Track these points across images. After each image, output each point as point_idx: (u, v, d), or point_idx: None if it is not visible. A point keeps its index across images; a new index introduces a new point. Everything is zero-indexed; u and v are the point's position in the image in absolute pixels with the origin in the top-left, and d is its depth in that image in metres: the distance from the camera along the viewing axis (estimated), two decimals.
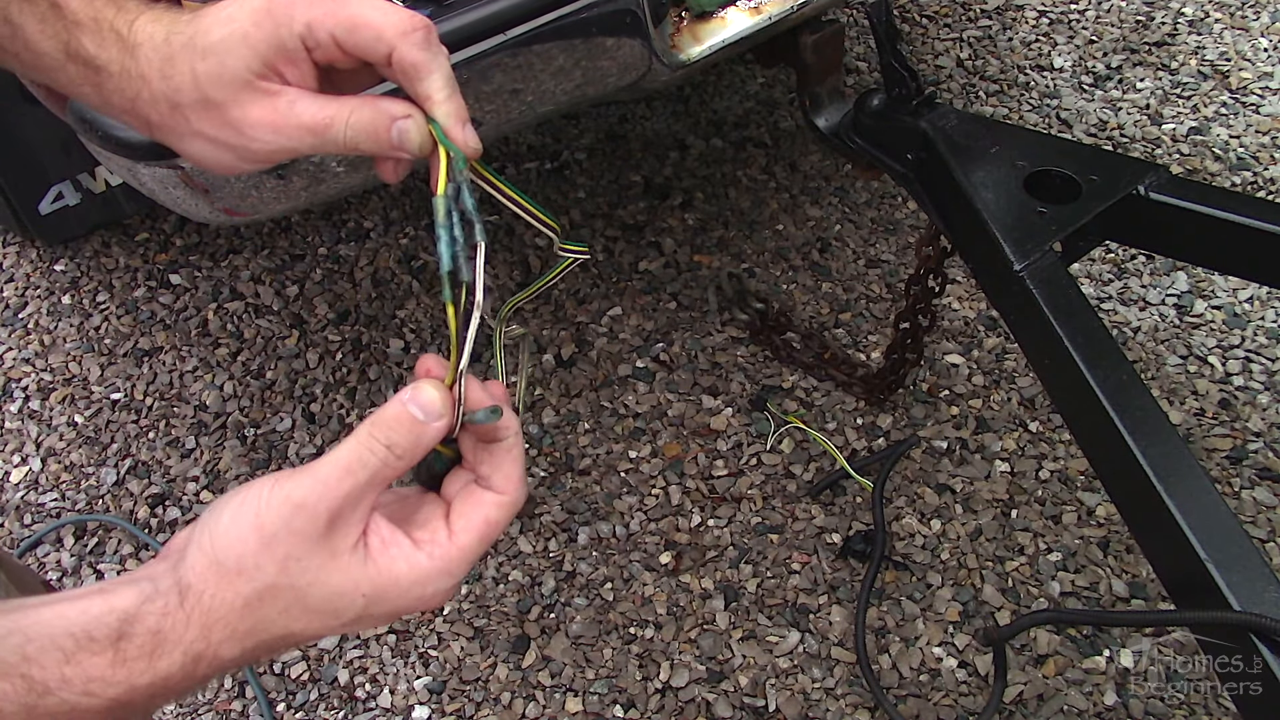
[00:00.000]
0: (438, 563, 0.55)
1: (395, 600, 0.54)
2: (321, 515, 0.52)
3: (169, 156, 1.09)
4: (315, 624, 0.53)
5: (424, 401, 0.55)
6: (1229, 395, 1.72)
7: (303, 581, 0.52)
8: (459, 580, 0.56)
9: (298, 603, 0.52)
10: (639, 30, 1.27)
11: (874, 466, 1.66)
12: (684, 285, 1.96)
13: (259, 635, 0.52)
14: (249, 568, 0.51)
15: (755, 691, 1.44)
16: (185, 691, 0.53)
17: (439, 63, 0.57)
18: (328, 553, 0.52)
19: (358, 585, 0.53)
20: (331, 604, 0.53)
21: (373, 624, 0.56)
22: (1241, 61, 2.31)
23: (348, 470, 0.53)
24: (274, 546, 0.51)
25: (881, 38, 1.32)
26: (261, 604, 0.52)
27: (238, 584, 0.52)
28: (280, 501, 0.52)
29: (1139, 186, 1.18)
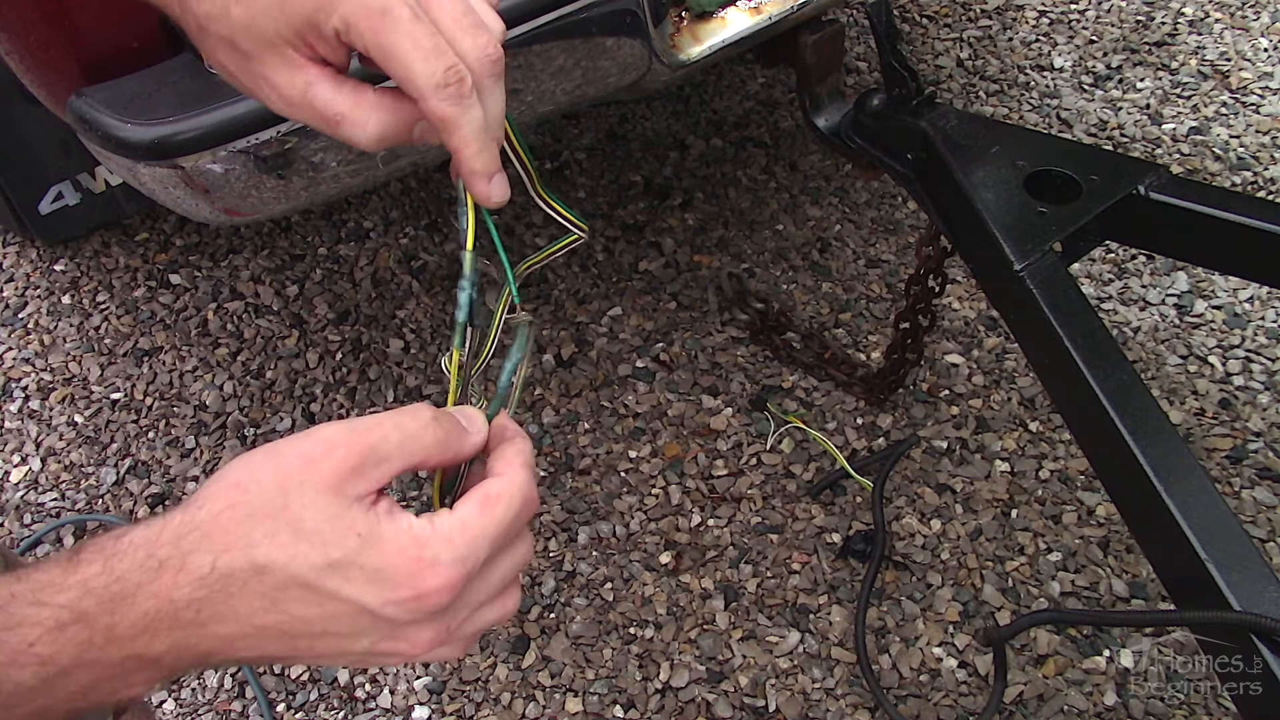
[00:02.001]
0: (437, 530, 0.51)
1: (389, 556, 0.49)
2: (341, 455, 0.49)
3: (169, 156, 1.09)
4: (299, 556, 0.48)
5: (469, 414, 0.56)
6: (1229, 395, 1.72)
7: (299, 503, 0.48)
8: (461, 558, 0.50)
9: (288, 526, 0.48)
10: (639, 30, 1.27)
11: (874, 466, 1.66)
12: (684, 285, 1.96)
13: (235, 555, 0.47)
14: (247, 482, 0.49)
15: (755, 691, 1.44)
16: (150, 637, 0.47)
17: (469, 117, 0.55)
18: (333, 491, 0.49)
19: (355, 524, 0.49)
20: (321, 533, 0.48)
21: (363, 600, 0.49)
22: (1241, 61, 2.31)
23: (379, 426, 0.50)
24: (282, 466, 0.49)
25: (881, 38, 1.32)
26: (249, 519, 0.48)
27: (231, 495, 0.48)
28: (306, 435, 0.50)
29: (1139, 186, 1.18)
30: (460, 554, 0.50)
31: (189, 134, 1.08)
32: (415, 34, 0.53)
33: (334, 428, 0.50)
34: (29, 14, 1.10)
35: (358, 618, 0.49)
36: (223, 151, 1.09)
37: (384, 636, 0.50)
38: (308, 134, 1.11)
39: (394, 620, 0.49)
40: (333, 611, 0.49)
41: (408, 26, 0.53)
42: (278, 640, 0.49)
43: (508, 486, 0.54)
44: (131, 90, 1.11)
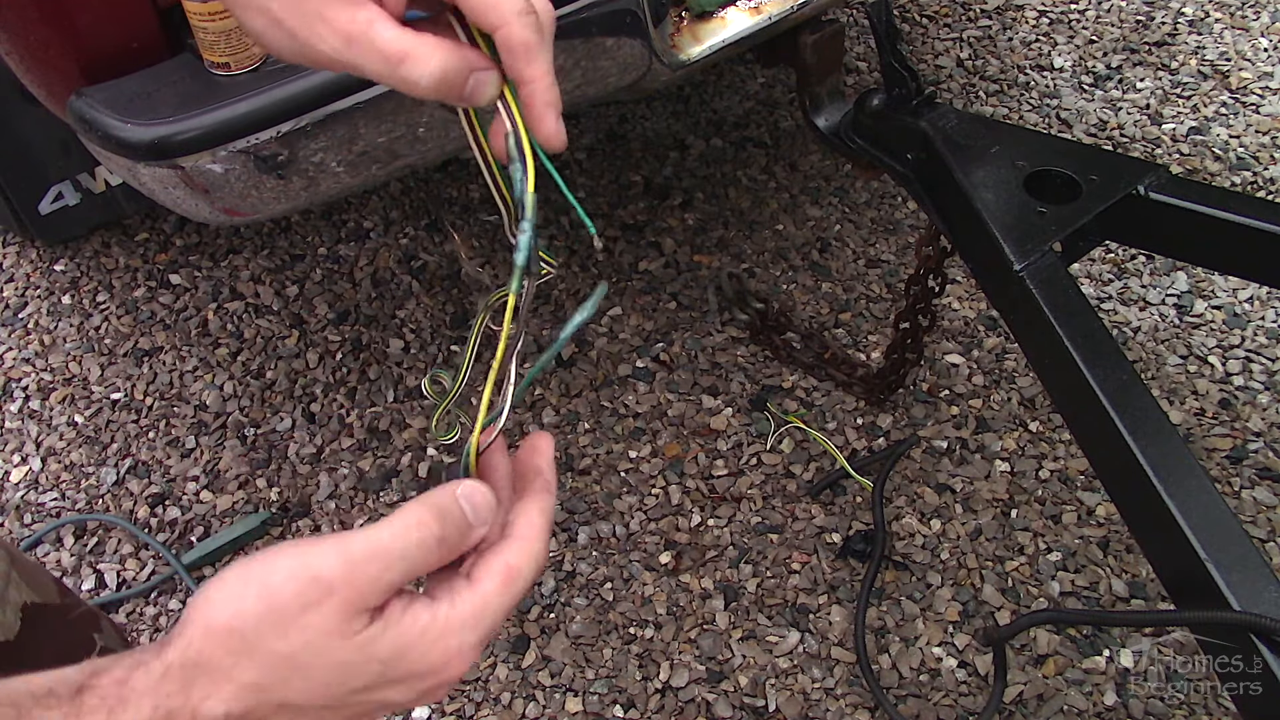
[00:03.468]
0: (460, 611, 0.50)
1: (416, 660, 0.48)
2: (340, 595, 0.47)
3: (169, 156, 1.09)
4: (318, 695, 0.47)
5: (477, 504, 0.52)
6: (1229, 395, 1.72)
7: (307, 656, 0.46)
8: (486, 634, 0.50)
9: (299, 674, 0.47)
10: (639, 30, 1.27)
11: (874, 466, 1.66)
12: (684, 285, 1.96)
13: (247, 700, 0.46)
14: (248, 628, 0.46)
15: (755, 691, 1.44)
16: None
17: (546, 46, 0.55)
18: (340, 633, 0.47)
19: (373, 654, 0.48)
20: (340, 675, 0.47)
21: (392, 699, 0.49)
22: (1241, 61, 2.31)
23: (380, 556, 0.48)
24: (282, 614, 0.46)
25: (881, 38, 1.32)
26: (258, 668, 0.46)
27: (231, 642, 0.46)
28: (298, 567, 0.47)
29: (1139, 186, 1.18)
30: (484, 633, 0.50)
31: (189, 134, 1.08)
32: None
33: (327, 557, 0.47)
34: (29, 14, 1.10)
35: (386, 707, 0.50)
36: (223, 151, 1.09)
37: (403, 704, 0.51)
38: (307, 132, 1.11)
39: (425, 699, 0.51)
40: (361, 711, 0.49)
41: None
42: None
43: (529, 560, 0.53)
44: (131, 90, 1.11)
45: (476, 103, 0.55)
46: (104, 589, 1.62)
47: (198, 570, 1.63)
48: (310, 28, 0.53)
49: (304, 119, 1.10)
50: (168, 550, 1.64)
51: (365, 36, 0.53)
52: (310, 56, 0.54)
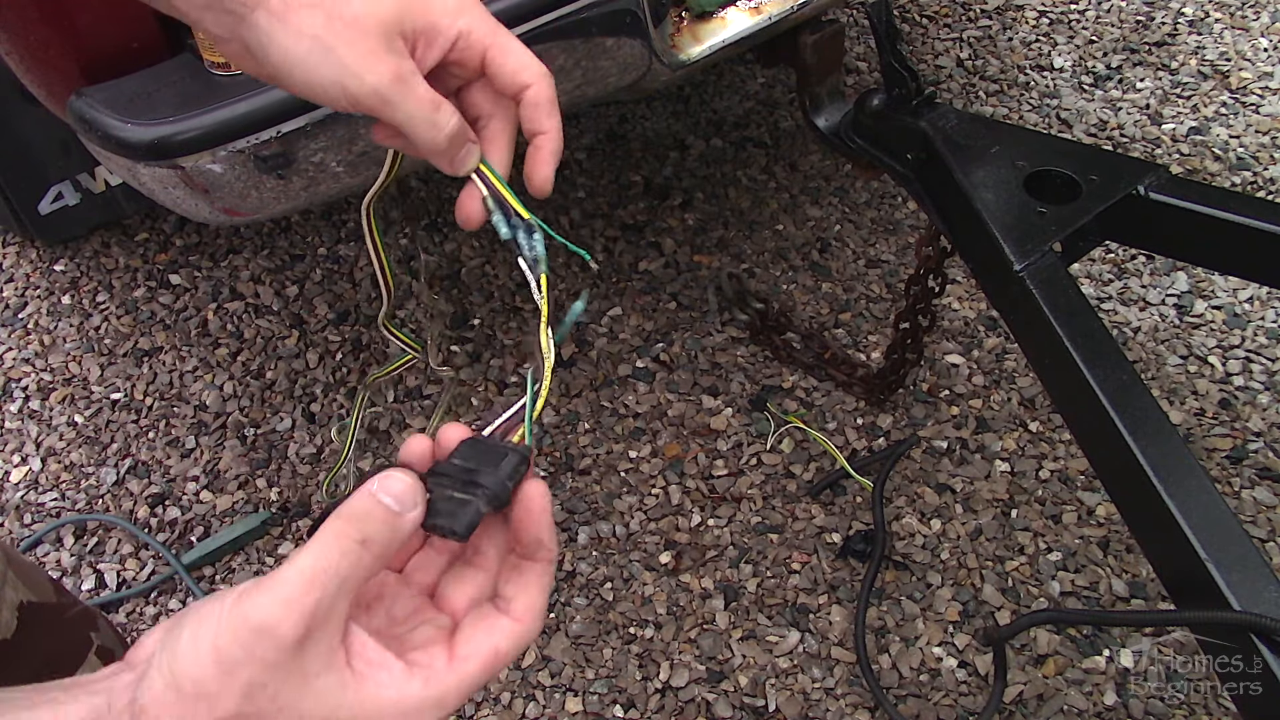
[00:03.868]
0: (431, 691, 0.49)
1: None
2: (286, 637, 0.45)
3: (169, 156, 1.09)
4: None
5: (395, 491, 0.50)
6: (1229, 395, 1.72)
7: (271, 709, 0.46)
8: (450, 711, 0.50)
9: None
10: (639, 30, 1.27)
11: (874, 466, 1.66)
12: (684, 285, 1.96)
13: None
14: (209, 694, 0.45)
15: (755, 691, 1.44)
16: None
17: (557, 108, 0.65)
18: (299, 678, 0.46)
19: (335, 712, 0.47)
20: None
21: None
22: (1241, 61, 2.31)
23: (313, 582, 0.46)
24: (235, 674, 0.45)
25: (881, 38, 1.32)
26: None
27: (197, 710, 0.45)
28: (239, 624, 0.45)
29: (1139, 186, 1.18)
30: (452, 708, 0.50)
31: (189, 134, 1.08)
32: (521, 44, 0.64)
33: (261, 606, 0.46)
34: (29, 14, 1.10)
35: None
36: (223, 151, 1.09)
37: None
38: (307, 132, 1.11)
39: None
40: None
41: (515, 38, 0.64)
42: None
43: (518, 645, 0.52)
44: (131, 90, 1.11)
45: (460, 168, 0.64)
46: (104, 589, 1.62)
47: (198, 570, 1.63)
48: (362, 59, 0.59)
49: (304, 119, 1.10)
50: (168, 550, 1.64)
51: (413, 79, 0.61)
52: (347, 86, 0.60)
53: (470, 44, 0.63)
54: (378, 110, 0.61)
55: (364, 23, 0.60)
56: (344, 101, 0.61)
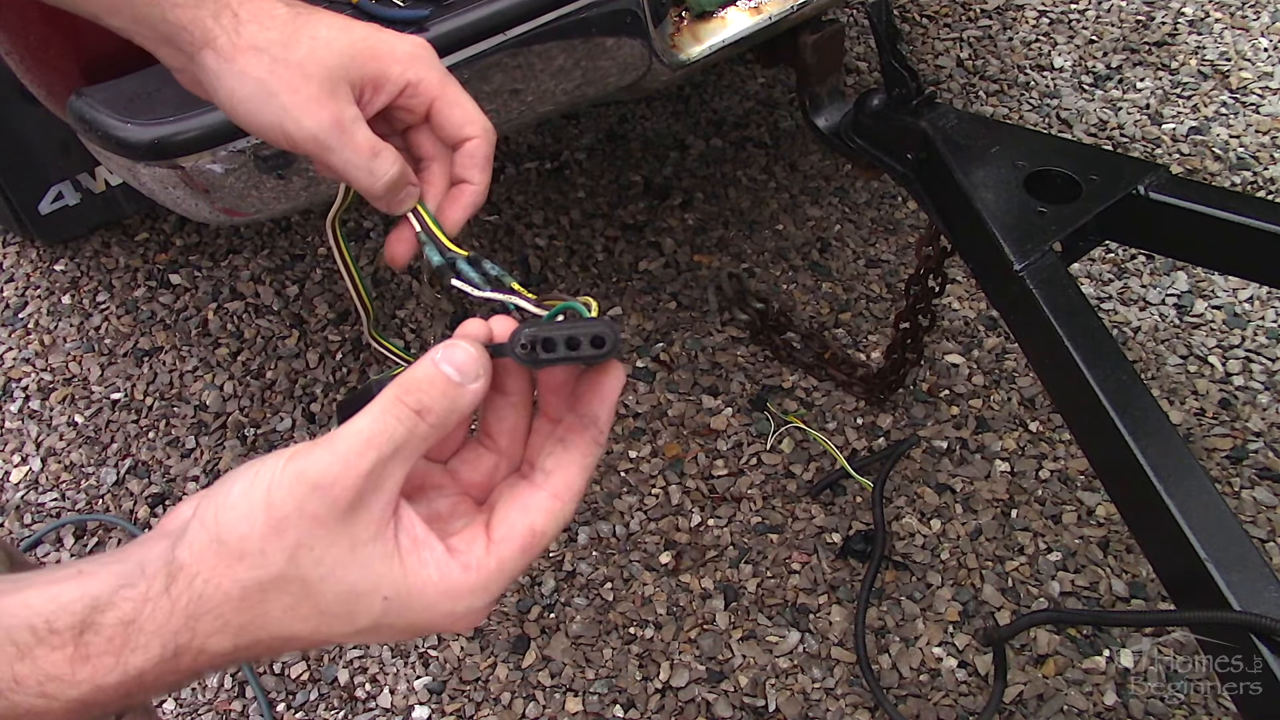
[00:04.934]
0: (473, 577, 0.48)
1: (419, 612, 0.47)
2: (341, 498, 0.45)
3: (169, 156, 1.09)
4: (324, 627, 0.46)
5: (458, 360, 0.48)
6: (1229, 395, 1.72)
7: (315, 575, 0.45)
8: (495, 597, 0.49)
9: (306, 600, 0.45)
10: (639, 30, 1.27)
11: (874, 466, 1.66)
12: (684, 285, 1.96)
13: (256, 632, 0.45)
14: (253, 552, 0.44)
15: (755, 691, 1.44)
16: (168, 687, 0.46)
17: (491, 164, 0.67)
18: (347, 543, 0.45)
19: (378, 585, 0.46)
20: (346, 605, 0.46)
21: (389, 637, 0.48)
22: (1241, 61, 2.31)
23: (370, 443, 0.45)
24: (284, 532, 0.44)
25: (881, 38, 1.32)
26: (264, 597, 0.45)
27: (238, 570, 0.45)
28: (293, 480, 0.45)
29: (1139, 186, 1.18)
30: (494, 597, 0.49)
31: (189, 134, 1.08)
32: (468, 98, 0.66)
33: (318, 461, 0.45)
34: (29, 14, 1.10)
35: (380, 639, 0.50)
36: (223, 151, 1.09)
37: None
38: None
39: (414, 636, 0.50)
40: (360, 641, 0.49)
41: (464, 91, 0.66)
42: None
43: (555, 524, 0.50)
44: (131, 90, 1.11)
45: (396, 209, 0.66)
46: None
47: None
48: (304, 106, 0.61)
49: None
50: None
51: (353, 127, 0.62)
52: (287, 129, 0.62)
53: (418, 93, 0.65)
54: (316, 154, 0.63)
55: (307, 68, 0.61)
56: (284, 143, 0.63)
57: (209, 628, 0.45)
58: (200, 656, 0.45)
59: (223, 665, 0.46)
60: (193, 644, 0.45)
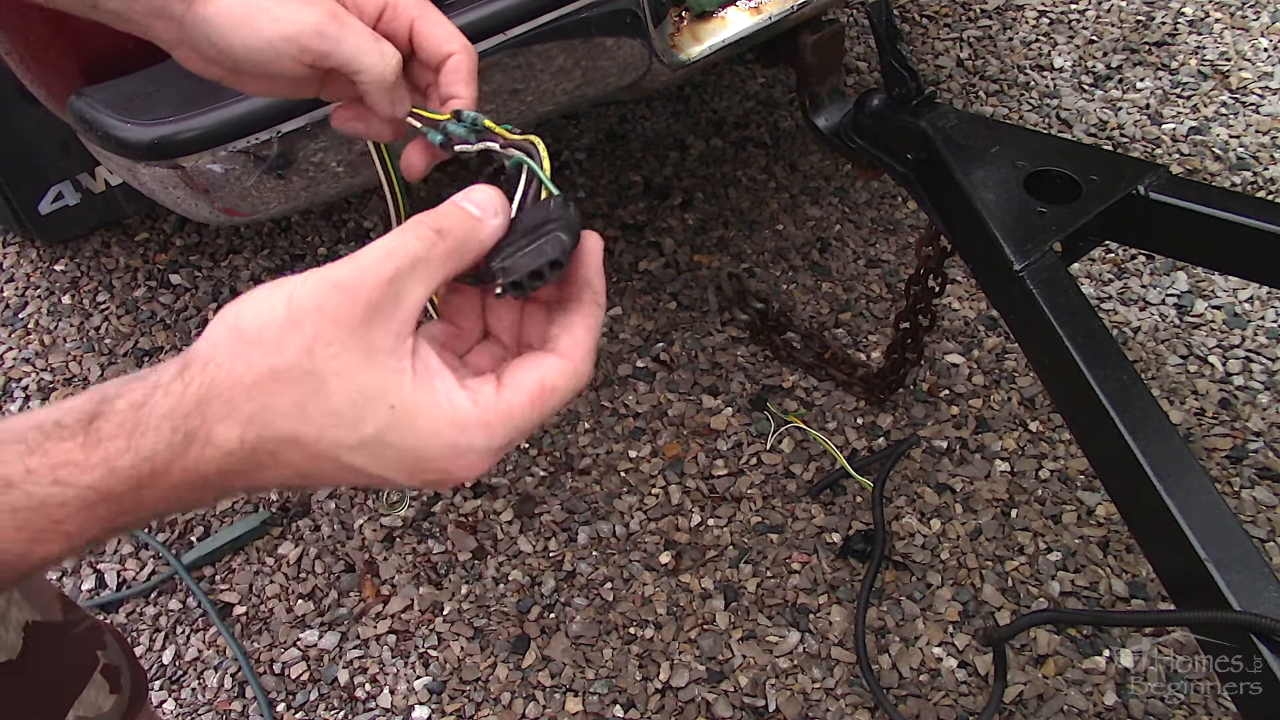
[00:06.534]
0: (480, 412, 0.47)
1: (423, 437, 0.46)
2: (359, 299, 0.45)
3: (169, 156, 1.09)
4: (329, 431, 0.45)
5: (478, 199, 0.50)
6: (1229, 395, 1.72)
7: (328, 370, 0.45)
8: (498, 449, 0.48)
9: (315, 396, 0.45)
10: (639, 30, 1.27)
11: (874, 466, 1.66)
12: (684, 285, 1.96)
13: (262, 427, 0.45)
14: (270, 340, 0.45)
15: (755, 691, 1.44)
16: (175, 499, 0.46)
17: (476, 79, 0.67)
18: (362, 347, 0.45)
19: (388, 392, 0.45)
20: (354, 406, 0.45)
21: (391, 464, 0.47)
22: (1241, 61, 2.31)
23: (390, 255, 0.46)
24: (302, 325, 0.45)
25: (881, 38, 1.32)
26: (275, 385, 0.45)
27: (252, 355, 0.45)
28: (316, 282, 0.45)
29: (1139, 186, 1.18)
30: (499, 444, 0.48)
31: (189, 134, 1.08)
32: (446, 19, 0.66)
33: (341, 269, 0.46)
34: (29, 14, 1.10)
35: (385, 483, 0.48)
36: (223, 151, 1.09)
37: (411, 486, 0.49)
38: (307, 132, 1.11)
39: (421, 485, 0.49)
40: (361, 479, 0.48)
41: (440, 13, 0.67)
42: (302, 484, 0.48)
43: (567, 381, 0.51)
44: (131, 90, 1.11)
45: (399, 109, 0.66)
46: (104, 589, 1.62)
47: (198, 570, 1.63)
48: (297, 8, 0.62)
49: (304, 119, 1.10)
50: (168, 550, 1.64)
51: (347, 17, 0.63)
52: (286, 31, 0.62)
53: (398, 15, 0.65)
54: (322, 51, 0.62)
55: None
56: (291, 53, 0.62)
57: (218, 412, 0.45)
58: (208, 448, 0.45)
59: (228, 466, 0.46)
60: (201, 430, 0.45)
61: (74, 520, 0.44)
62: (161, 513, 0.47)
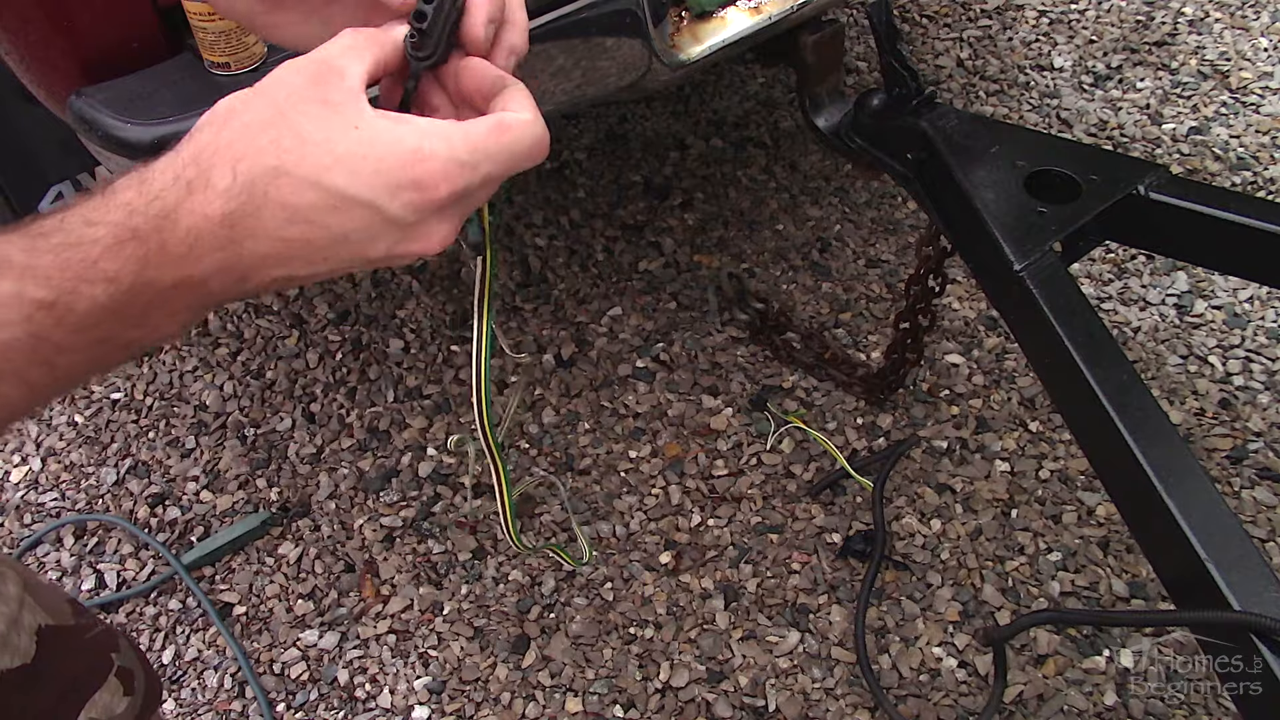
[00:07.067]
0: (437, 126, 0.52)
1: (389, 143, 0.51)
2: (307, 70, 0.52)
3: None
4: (307, 157, 0.50)
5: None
6: (1229, 395, 1.72)
7: (294, 111, 0.51)
8: (462, 163, 0.52)
9: (288, 130, 0.51)
10: (639, 30, 1.27)
11: (874, 466, 1.66)
12: (684, 285, 1.96)
13: (250, 163, 0.50)
14: (239, 108, 0.52)
15: (755, 691, 1.44)
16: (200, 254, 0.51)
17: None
18: (319, 96, 0.52)
19: (350, 119, 0.51)
20: (322, 132, 0.50)
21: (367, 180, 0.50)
22: (1241, 61, 2.31)
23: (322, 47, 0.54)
24: (266, 91, 0.52)
25: (881, 38, 1.32)
26: (253, 132, 0.51)
27: (230, 120, 0.52)
28: (272, 71, 0.53)
29: (1139, 186, 1.18)
30: (462, 158, 0.52)
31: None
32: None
33: (295, 61, 0.54)
34: (29, 14, 1.10)
35: (370, 218, 0.51)
36: None
37: (399, 239, 0.52)
38: None
39: (403, 220, 0.51)
40: (347, 214, 0.51)
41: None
42: (304, 253, 0.52)
43: (521, 122, 0.54)
44: (131, 90, 1.11)
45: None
46: (104, 589, 1.62)
47: (198, 570, 1.63)
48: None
49: None
50: (168, 550, 1.64)
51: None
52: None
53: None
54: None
55: None
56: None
57: (209, 161, 0.51)
58: (208, 190, 0.50)
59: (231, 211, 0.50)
60: (198, 178, 0.50)
61: (108, 258, 0.49)
62: (180, 282, 0.51)
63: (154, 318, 0.51)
